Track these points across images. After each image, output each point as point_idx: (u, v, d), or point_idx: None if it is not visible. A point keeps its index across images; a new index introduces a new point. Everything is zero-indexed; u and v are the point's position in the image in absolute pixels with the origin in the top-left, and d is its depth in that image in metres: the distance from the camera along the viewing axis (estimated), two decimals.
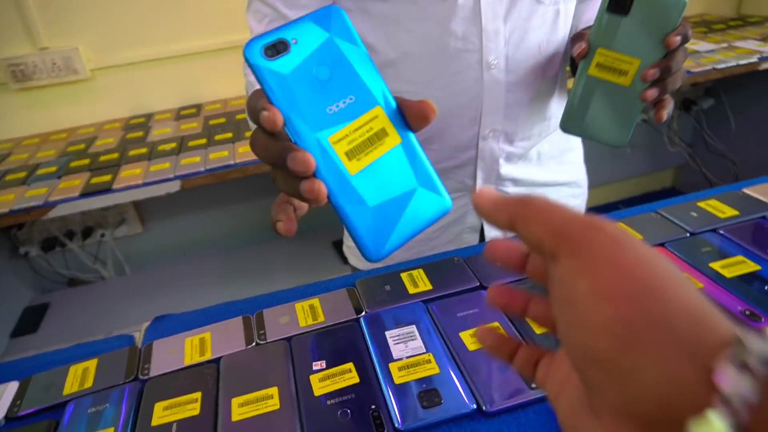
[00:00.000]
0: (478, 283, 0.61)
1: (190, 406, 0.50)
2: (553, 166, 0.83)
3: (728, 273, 0.58)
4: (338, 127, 0.31)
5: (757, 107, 1.97)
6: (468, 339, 0.53)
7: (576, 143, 0.87)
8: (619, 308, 0.19)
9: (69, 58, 1.55)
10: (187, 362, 0.55)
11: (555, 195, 0.86)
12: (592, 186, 0.94)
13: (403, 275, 0.64)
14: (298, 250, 1.86)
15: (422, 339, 0.53)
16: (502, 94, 0.71)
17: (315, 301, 0.61)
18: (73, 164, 1.35)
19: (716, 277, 0.58)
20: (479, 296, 0.58)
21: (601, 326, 0.20)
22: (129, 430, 0.48)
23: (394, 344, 0.53)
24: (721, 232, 0.66)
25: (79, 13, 1.54)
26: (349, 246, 0.88)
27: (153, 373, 0.54)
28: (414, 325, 0.55)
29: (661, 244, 0.64)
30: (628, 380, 0.19)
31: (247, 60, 0.30)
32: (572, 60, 0.69)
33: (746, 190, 0.74)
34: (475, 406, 0.46)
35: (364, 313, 0.59)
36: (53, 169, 1.34)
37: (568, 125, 0.65)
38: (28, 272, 1.70)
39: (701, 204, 0.71)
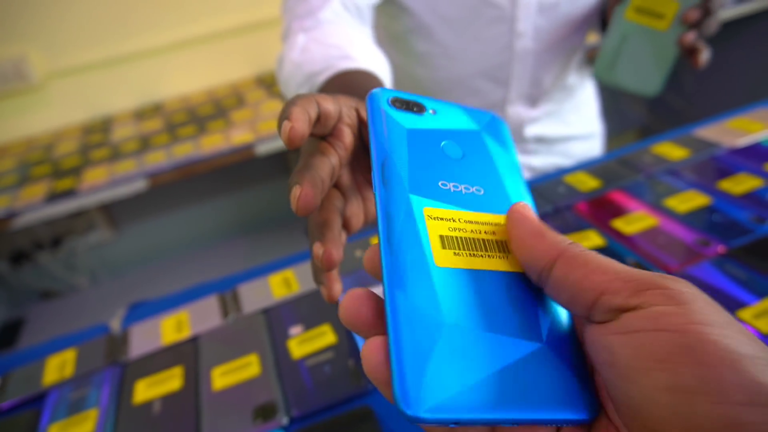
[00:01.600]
0: None
1: (171, 380, 0.50)
2: (572, 119, 0.88)
3: (681, 207, 0.61)
4: (444, 205, 0.23)
5: (713, 66, 2.04)
6: None
7: (591, 95, 0.92)
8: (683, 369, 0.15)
9: (18, 66, 1.51)
10: (166, 342, 0.55)
11: (576, 149, 0.91)
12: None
13: (374, 240, 0.65)
14: (276, 242, 1.86)
15: None
16: (530, 61, 0.75)
17: (288, 273, 0.62)
18: (34, 172, 1.32)
19: (669, 213, 0.60)
20: None
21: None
22: (112, 411, 0.48)
23: None
24: (674, 171, 0.68)
25: (25, 19, 1.50)
26: None
27: (132, 355, 0.55)
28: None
29: (620, 188, 0.67)
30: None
31: (369, 101, 0.26)
32: (604, 15, 0.73)
33: (697, 132, 0.77)
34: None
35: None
36: (13, 178, 1.31)
37: (601, 73, 0.64)
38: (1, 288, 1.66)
39: (655, 148, 0.74)
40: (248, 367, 0.50)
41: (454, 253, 0.21)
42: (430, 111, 0.26)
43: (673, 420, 0.15)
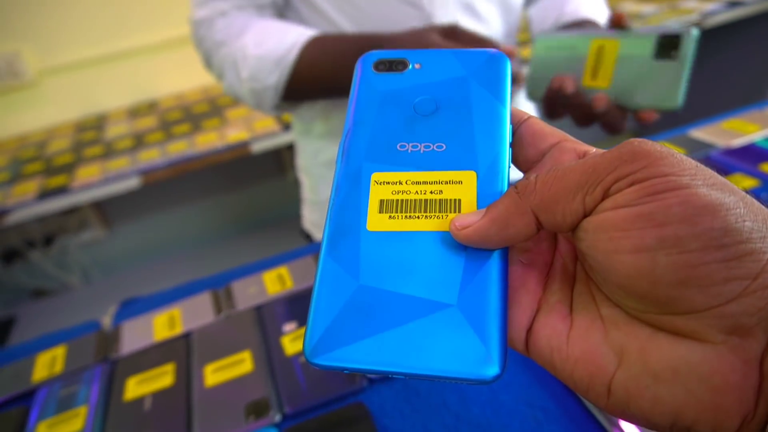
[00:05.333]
0: None
1: (163, 377, 0.49)
2: None
3: None
4: (396, 168, 0.23)
5: (707, 69, 2.05)
6: None
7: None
8: (721, 218, 0.17)
9: (11, 63, 1.50)
10: (158, 338, 0.55)
11: None
12: None
13: None
14: (271, 241, 1.85)
15: None
16: None
17: (282, 270, 0.62)
18: (26, 169, 1.31)
19: None
20: None
21: (701, 240, 0.17)
22: (102, 408, 0.48)
23: None
24: None
25: (19, 15, 1.49)
26: (312, 222, 0.88)
27: (123, 351, 0.54)
28: None
29: None
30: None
31: (355, 69, 0.26)
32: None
33: (692, 132, 0.77)
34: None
35: None
36: (5, 175, 1.30)
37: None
38: None
39: None
40: (241, 364, 0.49)
41: (389, 217, 0.22)
42: (415, 65, 0.26)
43: (637, 276, 0.17)
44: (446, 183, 0.22)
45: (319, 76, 0.62)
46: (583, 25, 0.67)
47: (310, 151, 0.80)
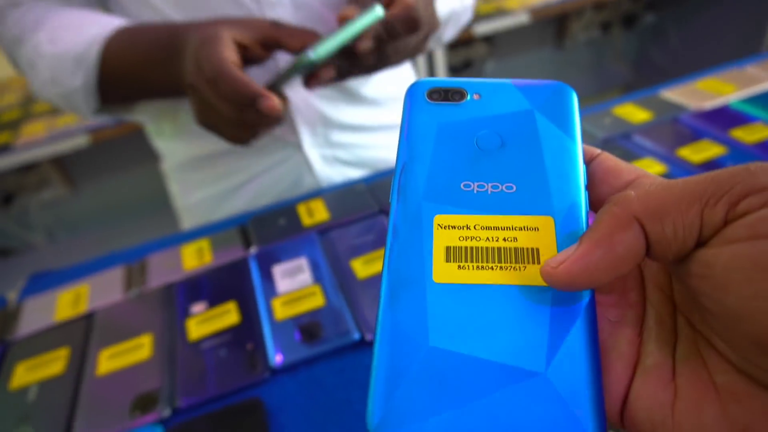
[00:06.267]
0: (378, 209, 0.57)
1: (54, 363, 0.45)
2: (394, 105, 0.73)
3: None
4: (461, 211, 0.20)
5: (699, 22, 1.95)
6: (358, 266, 0.49)
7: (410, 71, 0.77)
8: None
9: None
10: (59, 318, 0.50)
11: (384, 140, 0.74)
12: None
13: (300, 206, 0.59)
14: None
15: (311, 271, 0.49)
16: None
17: (204, 243, 0.57)
18: None
19: None
20: (377, 222, 0.55)
21: None
22: None
23: (281, 279, 0.49)
24: (633, 136, 0.63)
25: None
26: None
27: (21, 333, 0.49)
28: (304, 258, 0.51)
29: None
30: None
31: (406, 96, 0.24)
32: None
33: (663, 93, 0.71)
34: (358, 336, 0.43)
35: (253, 250, 0.54)
36: None
37: None
38: None
39: (616, 110, 0.68)
40: (139, 350, 0.45)
41: (459, 267, 0.19)
42: (473, 96, 0.24)
43: None
44: (520, 229, 0.20)
45: (131, 74, 0.52)
46: None
47: (167, 153, 0.71)
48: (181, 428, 0.38)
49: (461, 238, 0.20)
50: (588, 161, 0.21)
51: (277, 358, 0.41)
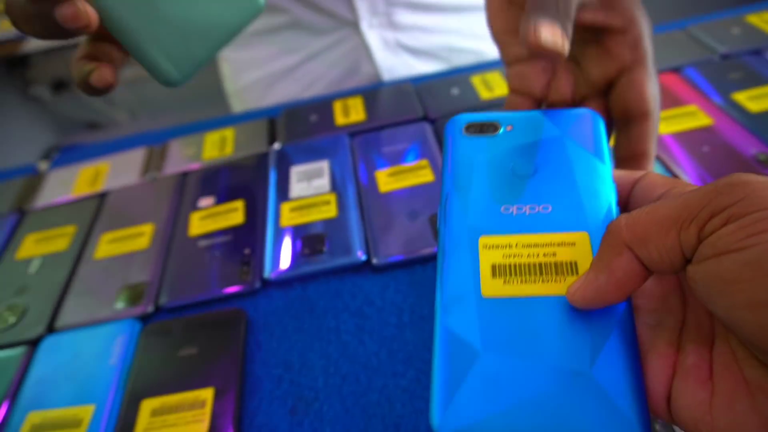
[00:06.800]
0: (423, 114, 0.48)
1: (59, 240, 0.44)
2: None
3: (753, 106, 0.43)
4: (503, 232, 0.22)
5: None
6: (382, 179, 0.42)
7: None
8: None
9: None
10: (75, 194, 0.49)
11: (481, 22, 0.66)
12: None
13: (336, 103, 0.52)
14: None
15: (331, 177, 0.43)
16: None
17: (228, 132, 0.52)
18: None
19: (734, 110, 0.42)
20: (418, 130, 0.47)
21: None
22: None
23: (297, 182, 0.44)
24: (766, 52, 0.48)
25: None
26: None
27: (38, 204, 0.49)
28: (327, 161, 0.45)
29: (676, 69, 0.48)
30: None
31: (445, 131, 0.27)
32: None
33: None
34: (364, 258, 0.37)
35: (276, 145, 0.49)
36: None
37: None
38: (45, 114, 1.70)
39: (751, 18, 0.53)
40: (138, 238, 0.42)
41: (504, 282, 0.21)
42: (506, 128, 0.26)
43: (762, 334, 0.15)
44: (559, 245, 0.22)
45: None
46: None
47: None
48: (158, 328, 0.35)
49: (505, 256, 0.22)
50: (633, 183, 0.22)
51: (271, 271, 0.37)
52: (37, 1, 0.23)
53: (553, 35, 0.23)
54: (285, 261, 0.37)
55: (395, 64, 0.60)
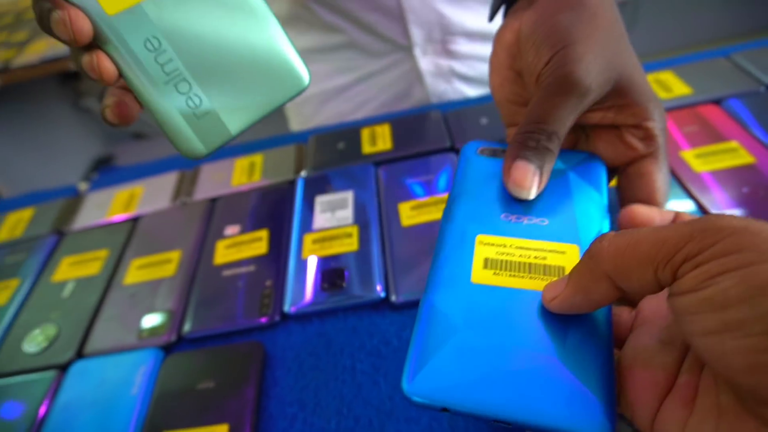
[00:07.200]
0: (450, 145, 0.48)
1: (92, 264, 0.45)
2: None
3: None
4: (499, 233, 0.24)
5: None
6: (405, 211, 0.42)
7: None
8: None
9: None
10: (110, 216, 0.50)
11: None
12: (649, 51, 0.71)
13: (364, 131, 0.52)
14: None
15: (354, 208, 0.43)
16: None
17: (257, 158, 0.53)
18: None
19: None
20: (443, 161, 0.46)
21: (763, 322, 0.15)
22: (30, 284, 0.45)
23: (321, 212, 0.44)
24: None
25: None
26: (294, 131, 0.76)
27: (76, 226, 0.51)
28: (351, 191, 0.45)
29: (718, 101, 0.46)
30: None
31: (461, 152, 0.29)
32: None
33: None
34: (383, 295, 0.37)
35: (303, 173, 0.49)
36: None
37: None
38: (94, 124, 1.78)
39: None
40: (165, 265, 0.43)
41: (494, 273, 0.23)
42: None
43: (714, 360, 0.17)
44: (550, 251, 0.23)
45: None
46: None
47: None
48: (179, 359, 0.36)
49: (498, 253, 0.24)
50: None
51: (291, 305, 0.37)
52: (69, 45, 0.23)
53: (522, 178, 0.25)
54: (305, 295, 0.37)
55: (446, 90, 0.60)
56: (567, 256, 0.23)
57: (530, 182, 0.25)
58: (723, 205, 0.37)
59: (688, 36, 1.64)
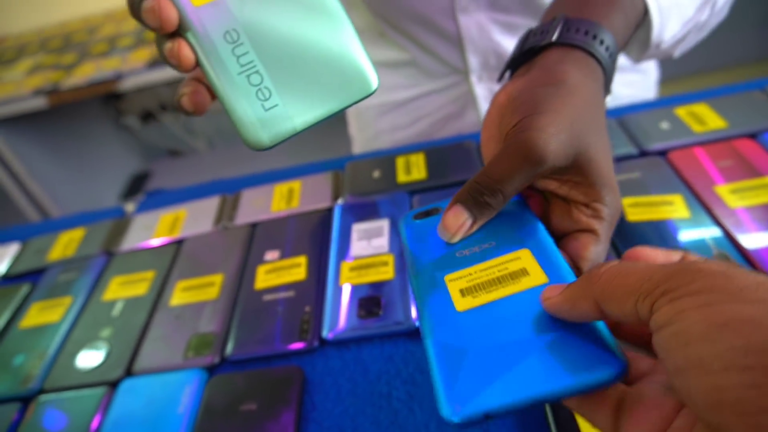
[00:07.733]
0: None
1: (140, 284, 0.48)
2: None
3: None
4: (462, 268, 0.28)
5: None
6: None
7: None
8: (745, 335, 0.16)
9: None
10: (156, 237, 0.53)
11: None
12: (672, 76, 0.71)
13: (399, 159, 0.54)
14: None
15: (390, 237, 0.45)
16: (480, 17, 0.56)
17: (295, 184, 0.55)
18: (149, 34, 1.36)
19: None
20: None
21: (723, 359, 0.16)
22: (81, 303, 0.48)
23: (357, 240, 0.45)
24: None
25: None
26: (352, 135, 0.78)
27: (124, 247, 0.53)
28: (387, 220, 0.47)
29: (753, 135, 0.46)
30: None
31: (400, 225, 0.33)
32: None
33: None
34: (418, 324, 0.38)
35: (341, 200, 0.51)
36: (128, 41, 1.36)
37: None
38: (133, 142, 1.84)
39: None
40: (209, 288, 0.45)
41: (473, 297, 0.26)
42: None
43: (684, 398, 0.17)
44: (507, 261, 0.27)
45: None
46: None
47: None
48: (222, 381, 0.38)
49: (468, 281, 0.27)
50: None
51: (329, 331, 0.39)
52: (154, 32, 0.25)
53: (453, 223, 0.28)
54: (342, 321, 0.39)
55: None
56: (523, 260, 0.27)
57: (458, 227, 0.28)
58: (759, 242, 0.37)
59: (722, 57, 1.62)
